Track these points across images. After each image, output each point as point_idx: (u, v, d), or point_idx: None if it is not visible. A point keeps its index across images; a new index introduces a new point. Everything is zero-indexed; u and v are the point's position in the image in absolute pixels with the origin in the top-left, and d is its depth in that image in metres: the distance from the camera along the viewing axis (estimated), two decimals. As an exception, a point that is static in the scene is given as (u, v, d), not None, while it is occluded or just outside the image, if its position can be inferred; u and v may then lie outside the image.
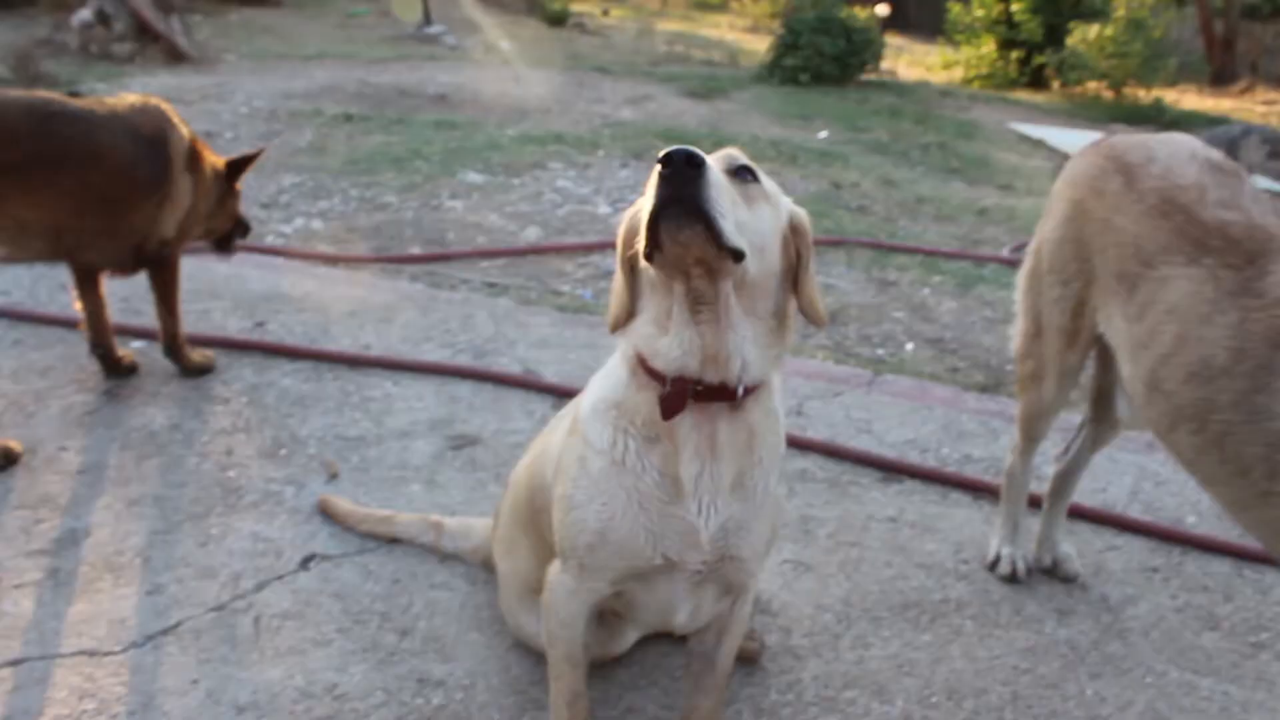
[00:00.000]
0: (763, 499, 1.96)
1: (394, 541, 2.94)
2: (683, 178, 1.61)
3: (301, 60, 12.25)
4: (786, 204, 1.91)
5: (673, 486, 1.89)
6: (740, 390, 1.81)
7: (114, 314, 3.93)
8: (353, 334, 4.33)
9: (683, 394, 1.81)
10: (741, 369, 1.79)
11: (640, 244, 1.68)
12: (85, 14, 11.50)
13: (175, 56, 11.37)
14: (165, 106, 3.69)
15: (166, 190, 3.60)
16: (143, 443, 3.41)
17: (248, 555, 2.86)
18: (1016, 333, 2.90)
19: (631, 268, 1.86)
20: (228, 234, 4.12)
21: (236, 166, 3.99)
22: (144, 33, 11.38)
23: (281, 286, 4.76)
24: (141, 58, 11.21)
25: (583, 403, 2.04)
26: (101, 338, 3.77)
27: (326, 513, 3.06)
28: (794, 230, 1.89)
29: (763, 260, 1.76)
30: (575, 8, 26.67)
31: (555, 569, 2.09)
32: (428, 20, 16.58)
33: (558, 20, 22.29)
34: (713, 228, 1.61)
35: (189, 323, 4.20)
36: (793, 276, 1.88)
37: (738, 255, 1.66)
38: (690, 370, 1.78)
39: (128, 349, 3.98)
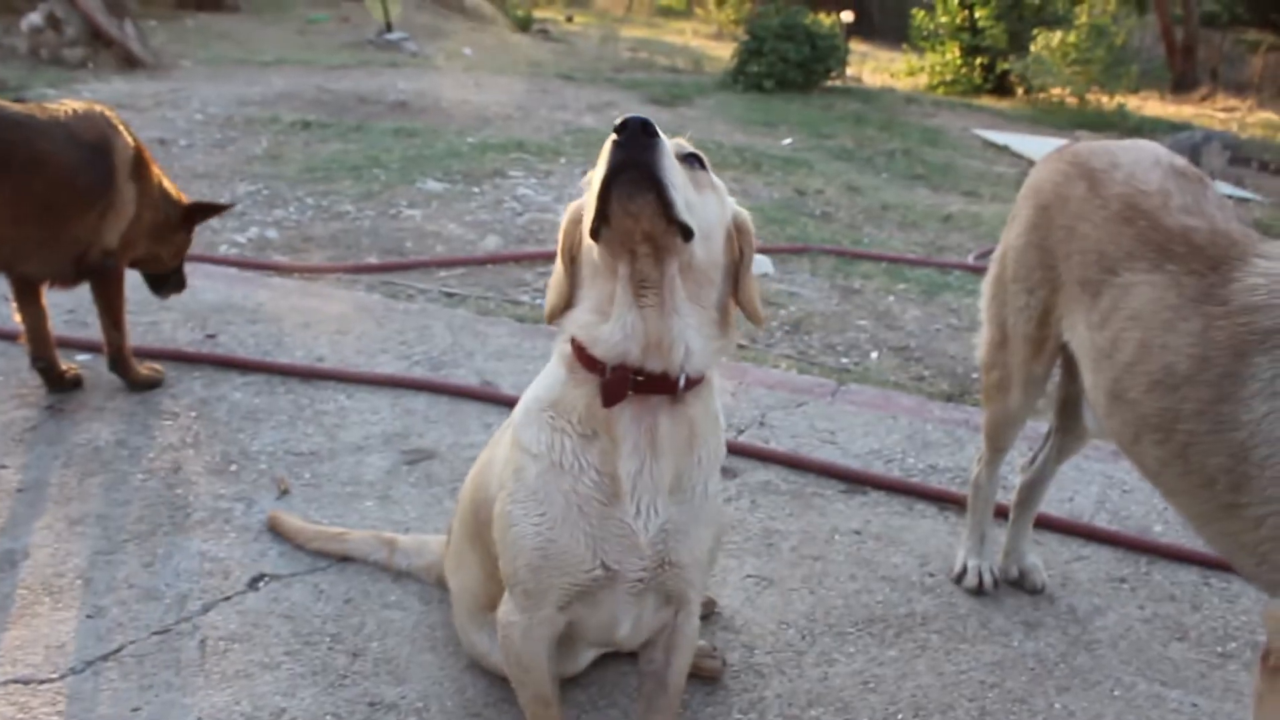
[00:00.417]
0: (701, 502, 1.94)
1: (345, 560, 2.86)
2: (638, 144, 1.59)
3: (259, 67, 12.12)
4: (730, 202, 1.88)
5: (611, 486, 1.85)
6: (682, 381, 1.78)
7: (58, 326, 3.82)
8: (306, 346, 4.23)
9: (624, 380, 1.77)
10: (684, 356, 1.75)
11: (587, 219, 1.66)
12: (35, 18, 11.31)
13: (129, 62, 11.22)
14: (109, 113, 3.59)
15: (110, 199, 3.49)
16: (86, 460, 3.30)
17: (194, 575, 2.76)
18: (982, 341, 2.85)
19: (571, 259, 1.84)
20: (166, 274, 4.02)
21: (200, 211, 3.94)
22: (96, 38, 11.22)
23: (234, 297, 4.65)
24: (94, 63, 11.05)
25: (517, 409, 2.01)
26: (43, 351, 3.66)
27: (276, 530, 2.97)
28: (738, 228, 1.87)
29: (708, 247, 1.74)
30: (539, 14, 26.69)
31: (505, 608, 2.04)
32: (389, 27, 16.47)
33: (522, 27, 22.26)
34: (665, 197, 1.59)
35: (138, 335, 4.10)
36: (735, 274, 1.85)
37: (687, 233, 1.64)
38: (632, 357, 1.75)
39: (72, 362, 3.86)
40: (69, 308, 4.29)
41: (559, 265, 1.86)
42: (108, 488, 3.15)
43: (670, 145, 1.70)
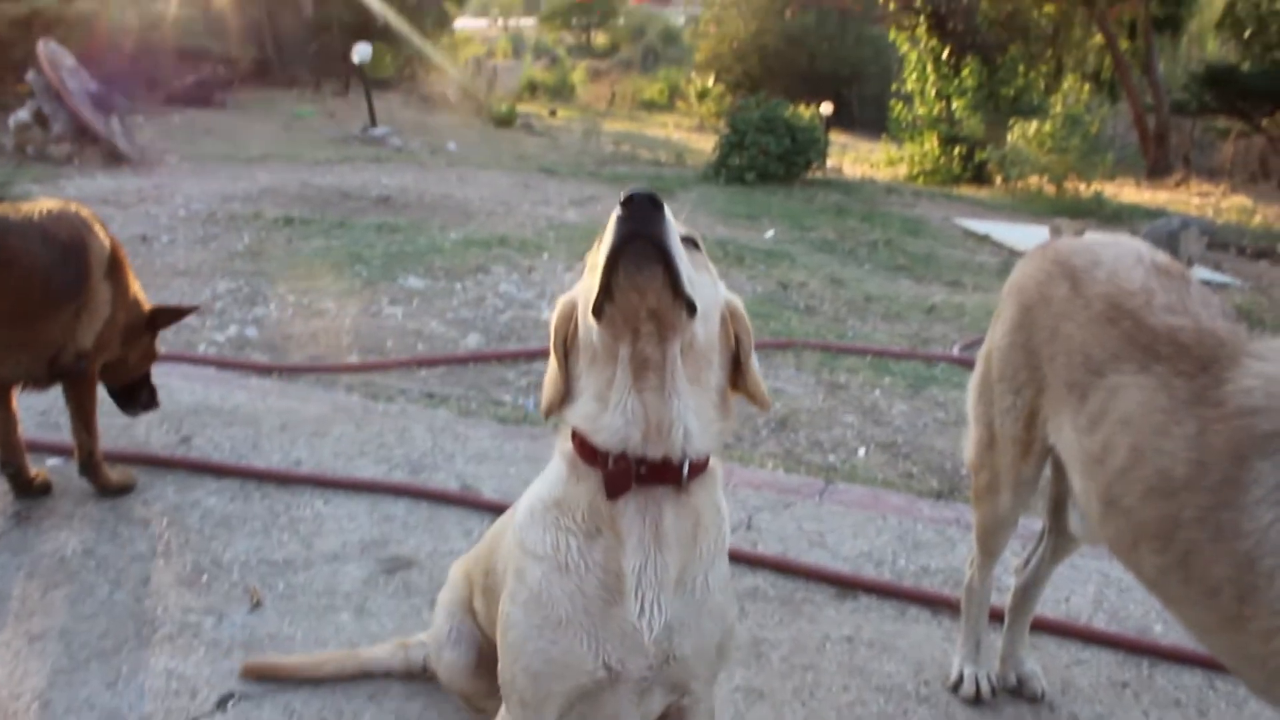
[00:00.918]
0: (705, 595, 1.89)
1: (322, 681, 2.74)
2: (644, 217, 1.60)
3: (244, 162, 12.17)
4: (723, 287, 1.89)
5: (615, 584, 1.81)
6: (685, 468, 1.75)
7: (30, 428, 3.73)
8: (284, 449, 4.14)
9: (627, 472, 1.74)
10: (685, 439, 1.72)
11: (589, 297, 1.66)
12: (22, 114, 11.38)
13: (114, 158, 11.26)
14: (85, 212, 3.54)
15: (84, 299, 3.43)
16: (52, 570, 3.19)
17: (159, 695, 2.65)
18: (970, 442, 2.79)
19: (565, 353, 1.82)
20: (133, 386, 3.93)
21: (165, 315, 3.86)
22: (82, 134, 11.27)
23: (211, 398, 4.57)
24: (79, 159, 11.08)
25: (518, 509, 1.97)
26: (12, 455, 3.56)
27: (272, 677, 2.78)
28: (731, 314, 1.87)
29: (708, 327, 1.75)
30: (523, 108, 27.01)
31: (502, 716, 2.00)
32: (373, 122, 16.63)
33: (505, 121, 22.51)
34: (672, 268, 1.60)
35: (110, 437, 4.01)
36: (731, 361, 1.86)
37: (691, 308, 1.64)
38: (633, 443, 1.72)
39: (42, 467, 3.77)
40: (41, 409, 4.20)
41: (553, 360, 1.85)
42: (72, 600, 3.04)
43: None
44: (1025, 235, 11.92)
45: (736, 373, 1.86)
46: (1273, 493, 1.86)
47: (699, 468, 1.79)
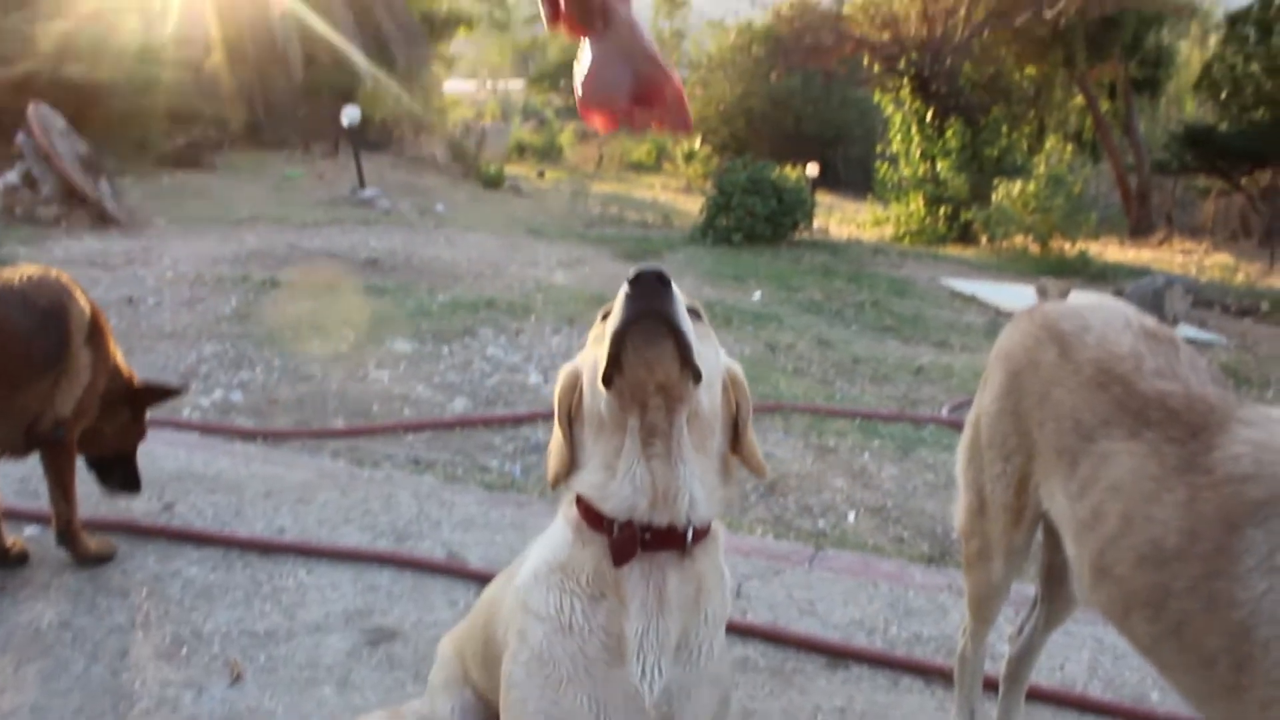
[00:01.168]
0: (706, 662, 1.88)
1: (299, 754, 2.68)
2: (653, 294, 1.64)
3: (232, 224, 12.19)
4: (723, 355, 1.93)
5: (616, 646, 1.81)
6: (689, 534, 1.78)
7: (6, 496, 3.68)
8: (267, 516, 4.09)
9: (633, 539, 1.77)
10: (690, 506, 1.75)
11: (599, 368, 1.68)
12: (11, 176, 11.40)
13: (102, 220, 11.27)
14: (65, 278, 3.51)
15: (64, 366, 3.39)
16: (26, 644, 3.12)
17: (135, 775, 2.58)
18: (960, 508, 2.75)
19: (570, 421, 1.86)
20: (111, 461, 3.86)
21: (152, 393, 3.83)
22: (71, 196, 11.28)
23: (194, 464, 4.52)
24: (67, 221, 11.08)
25: (522, 571, 1.97)
26: (-13, 523, 3.50)
27: None
28: (732, 382, 1.91)
29: (712, 395, 1.79)
30: (511, 170, 27.20)
31: None
32: (362, 183, 16.70)
33: (493, 183, 22.65)
34: (682, 343, 1.64)
35: (90, 505, 3.95)
36: (732, 428, 1.89)
37: (698, 376, 1.69)
38: (640, 511, 1.75)
39: (19, 536, 3.70)
40: (19, 476, 4.14)
41: (557, 430, 1.88)
42: (46, 675, 2.97)
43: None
44: (1012, 295, 11.98)
45: (735, 439, 1.90)
46: (1265, 561, 1.84)
47: (702, 533, 1.82)
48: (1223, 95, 24.71)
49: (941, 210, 19.94)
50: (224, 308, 7.79)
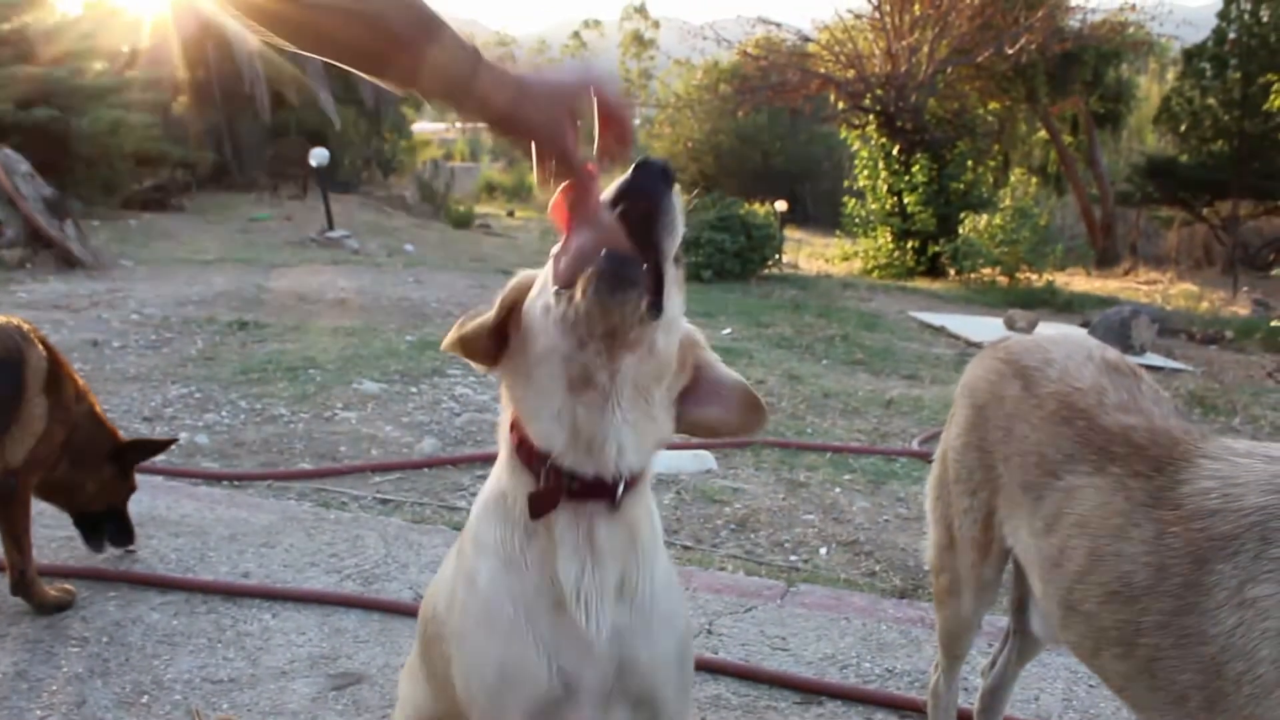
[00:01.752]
0: (651, 602, 1.81)
1: (262, 804, 2.62)
2: (650, 208, 1.54)
3: (200, 265, 12.12)
4: (684, 323, 1.82)
5: (555, 590, 1.75)
6: (620, 488, 1.70)
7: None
8: (231, 560, 4.03)
9: (556, 490, 1.69)
10: (618, 456, 1.67)
11: (554, 276, 1.60)
12: (-26, 221, 11.31)
13: (68, 262, 11.19)
14: (25, 325, 3.47)
15: (16, 413, 3.34)
16: (-18, 695, 3.06)
17: (93, 829, 2.52)
18: (929, 543, 2.75)
19: (505, 321, 1.79)
20: (99, 516, 3.87)
21: (137, 449, 3.88)
22: (36, 239, 11.20)
23: (157, 508, 4.45)
24: (32, 263, 11.00)
25: (474, 507, 1.90)
26: (-60, 575, 3.43)
27: None
28: (690, 341, 1.83)
29: (669, 338, 1.69)
30: (481, 209, 27.27)
31: None
32: (331, 224, 16.67)
33: (462, 223, 22.70)
34: (659, 298, 1.58)
35: (51, 550, 3.91)
36: (680, 390, 1.80)
37: (657, 311, 1.60)
38: (565, 454, 1.67)
39: (-23, 586, 3.63)
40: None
41: (492, 313, 1.78)
42: (3, 728, 2.91)
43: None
44: (980, 326, 12.05)
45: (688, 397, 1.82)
46: (1235, 595, 1.83)
47: (634, 481, 1.74)
48: (1182, 128, 25.19)
49: (909, 244, 20.10)
50: (190, 350, 7.73)
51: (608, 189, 1.60)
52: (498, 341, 1.79)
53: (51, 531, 4.04)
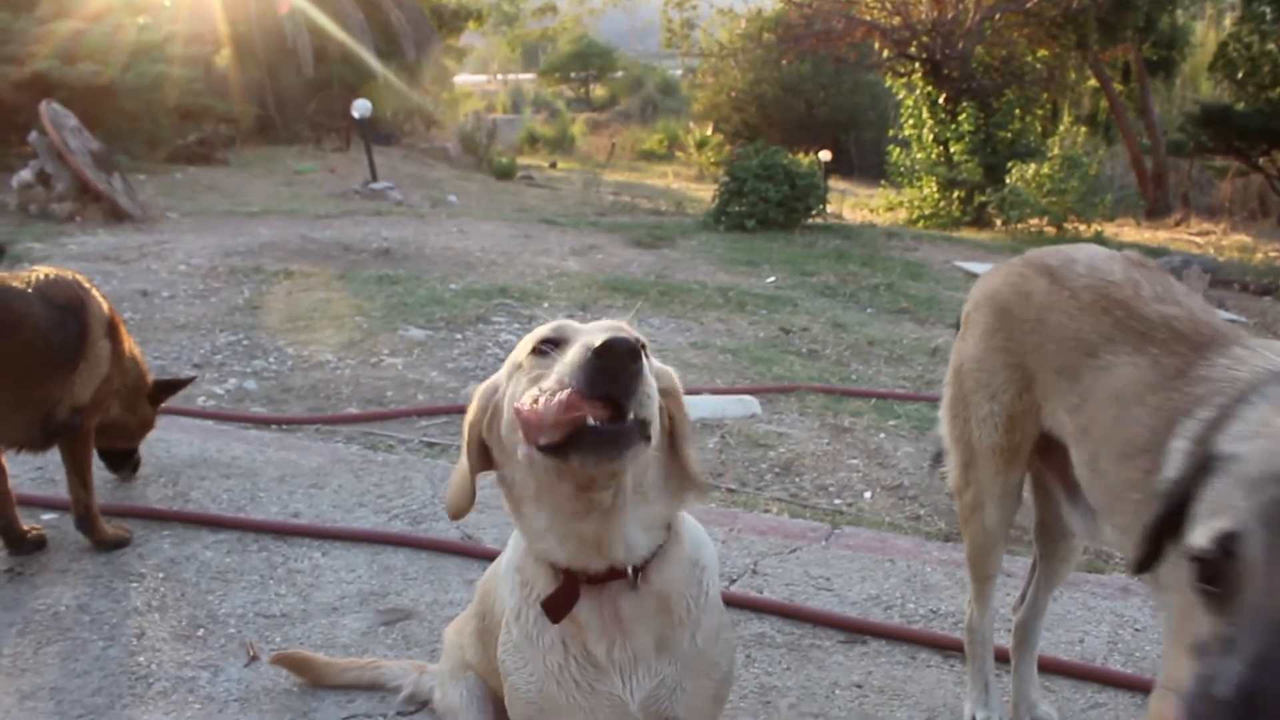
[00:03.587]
0: (694, 655, 1.87)
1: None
2: (621, 381, 1.52)
3: (245, 217, 12.20)
4: (654, 366, 1.79)
5: (588, 661, 1.81)
6: (630, 571, 1.75)
7: (25, 484, 3.70)
8: (282, 501, 4.09)
9: (569, 592, 1.75)
10: (627, 553, 1.73)
11: (535, 437, 1.58)
12: (25, 174, 11.44)
13: (116, 215, 11.29)
14: (81, 277, 3.60)
15: (84, 355, 3.45)
16: (45, 626, 3.14)
17: (153, 754, 2.59)
18: (951, 467, 2.77)
19: (482, 447, 1.79)
20: (123, 452, 4.08)
21: (166, 388, 4.06)
22: (84, 192, 11.30)
23: (208, 451, 4.53)
24: (82, 217, 11.11)
25: (507, 546, 1.98)
26: (2, 509, 3.52)
27: (294, 671, 2.86)
28: (664, 393, 1.76)
29: (654, 436, 1.68)
30: (523, 161, 27.20)
31: None
32: (374, 176, 16.70)
33: (505, 174, 22.65)
34: (640, 450, 1.58)
35: (107, 492, 3.99)
36: (669, 439, 1.80)
37: (650, 437, 1.61)
38: (576, 562, 1.73)
39: (37, 523, 3.72)
40: (37, 464, 4.16)
41: (463, 459, 1.80)
42: (65, 657, 2.99)
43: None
44: (1026, 277, 11.89)
45: (672, 447, 1.81)
46: (1187, 448, 1.84)
47: (653, 557, 1.79)
48: (1239, 75, 24.52)
49: (955, 194, 19.82)
50: (237, 299, 7.80)
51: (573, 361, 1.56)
52: (483, 462, 1.82)
53: (106, 473, 4.12)
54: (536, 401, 1.56)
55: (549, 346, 1.65)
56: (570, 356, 1.55)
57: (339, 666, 2.84)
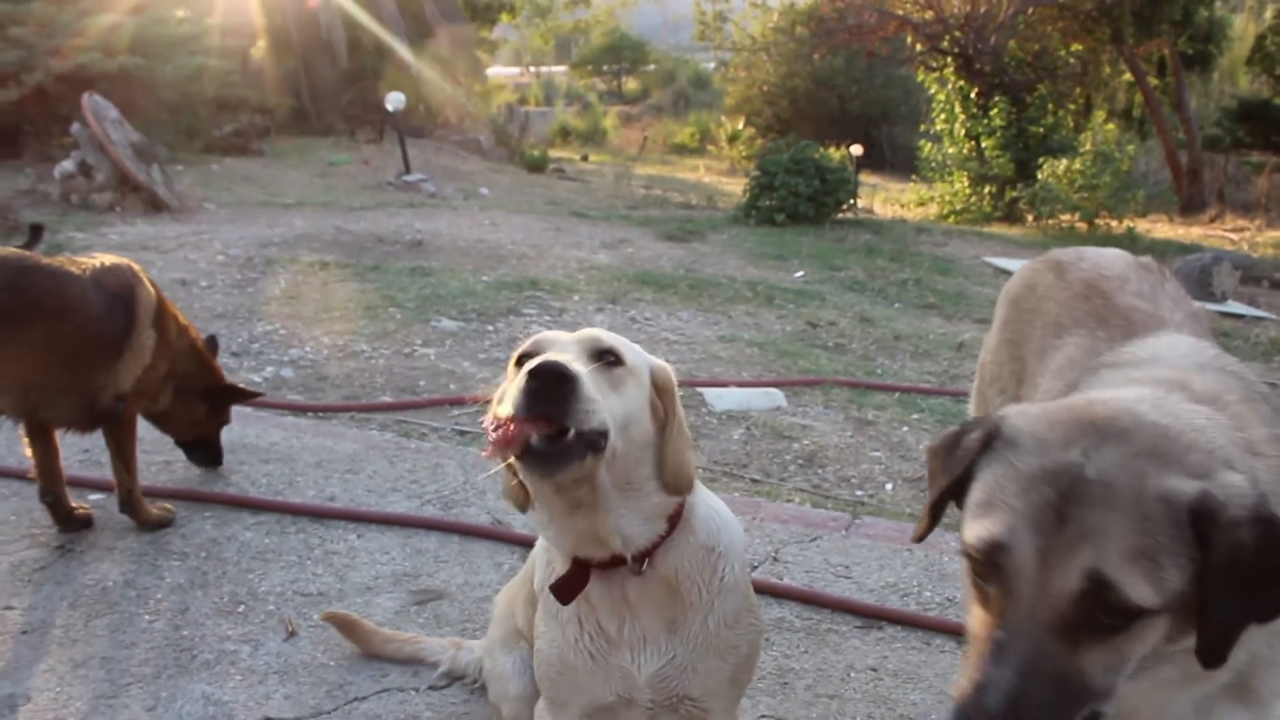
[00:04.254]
0: (706, 638, 1.99)
1: (357, 700, 2.81)
2: (556, 401, 1.64)
3: (281, 208, 12.37)
4: (648, 363, 1.95)
5: (601, 636, 1.96)
6: (635, 558, 1.89)
7: (73, 465, 3.85)
8: (318, 485, 4.23)
9: (579, 576, 1.91)
10: (624, 544, 1.86)
11: (494, 455, 1.71)
12: (68, 164, 11.64)
13: (155, 205, 11.47)
14: (136, 266, 3.72)
15: (129, 343, 3.57)
16: (93, 600, 3.28)
17: (197, 721, 2.72)
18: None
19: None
20: (198, 442, 4.22)
21: (233, 394, 4.21)
22: (124, 182, 11.49)
23: (247, 436, 4.67)
24: (121, 207, 11.30)
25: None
26: (52, 484, 3.67)
27: (343, 631, 3.02)
28: (658, 389, 1.92)
29: (629, 435, 1.81)
30: (555, 154, 27.29)
31: (539, 706, 2.20)
32: (407, 168, 16.84)
33: (537, 166, 22.76)
34: (587, 461, 1.70)
35: (151, 474, 4.13)
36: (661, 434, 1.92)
37: (600, 448, 1.73)
38: (580, 551, 1.88)
39: (84, 502, 3.87)
40: (84, 447, 4.31)
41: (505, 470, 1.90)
42: (114, 629, 3.13)
43: (583, 347, 1.79)
44: (1056, 273, 11.88)
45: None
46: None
47: (652, 547, 1.91)
48: (1277, 69, 24.30)
49: (986, 189, 19.76)
50: (274, 289, 7.96)
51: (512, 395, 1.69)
52: None
53: (150, 456, 4.27)
54: (495, 421, 1.71)
55: (529, 359, 1.76)
56: (516, 380, 1.69)
57: (382, 637, 2.99)
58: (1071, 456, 1.44)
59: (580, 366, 1.71)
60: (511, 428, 1.64)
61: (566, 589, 1.92)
